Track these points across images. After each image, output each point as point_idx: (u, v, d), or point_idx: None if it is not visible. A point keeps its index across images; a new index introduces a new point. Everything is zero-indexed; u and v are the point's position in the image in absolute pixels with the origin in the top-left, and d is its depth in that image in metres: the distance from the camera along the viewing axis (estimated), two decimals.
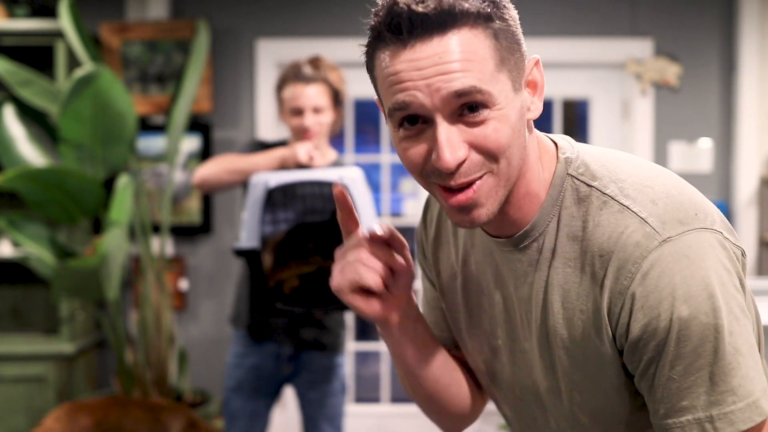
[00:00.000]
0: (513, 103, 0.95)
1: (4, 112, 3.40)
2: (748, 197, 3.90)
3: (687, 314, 0.90)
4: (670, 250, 0.92)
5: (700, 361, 0.91)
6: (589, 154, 1.03)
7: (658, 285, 0.92)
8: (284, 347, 2.67)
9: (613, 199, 0.97)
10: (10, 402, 3.62)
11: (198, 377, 3.96)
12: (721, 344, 0.90)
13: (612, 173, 0.99)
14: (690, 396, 0.92)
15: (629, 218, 0.95)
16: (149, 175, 3.89)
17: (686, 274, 0.91)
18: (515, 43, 0.95)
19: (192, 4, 3.95)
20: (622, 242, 0.94)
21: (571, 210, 1.00)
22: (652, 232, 0.93)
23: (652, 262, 0.92)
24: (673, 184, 0.98)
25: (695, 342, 0.91)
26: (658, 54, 3.94)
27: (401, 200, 4.19)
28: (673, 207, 0.94)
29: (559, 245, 1.00)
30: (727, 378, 0.91)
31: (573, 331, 1.00)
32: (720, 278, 0.92)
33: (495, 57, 0.93)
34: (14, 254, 3.64)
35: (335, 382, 2.71)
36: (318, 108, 2.62)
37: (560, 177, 1.01)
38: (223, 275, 3.99)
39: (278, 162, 2.54)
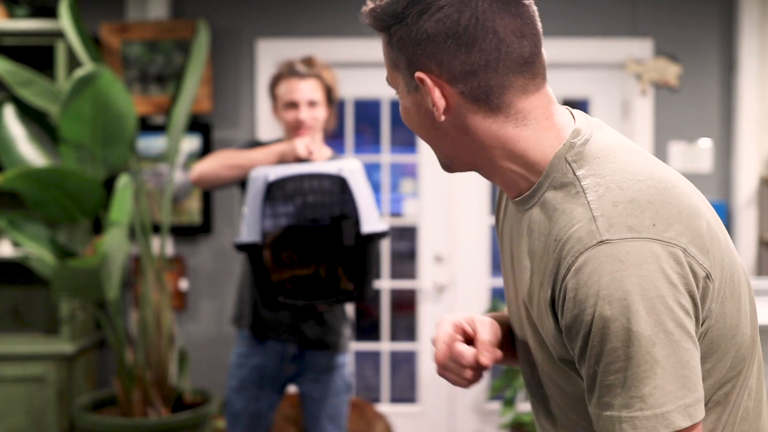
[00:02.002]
0: (405, 98, 1.12)
1: (4, 112, 3.41)
2: (748, 197, 3.90)
3: (609, 314, 0.94)
4: (605, 252, 0.96)
5: (618, 363, 0.95)
6: (597, 143, 1.07)
7: (587, 282, 0.96)
8: (288, 346, 2.67)
9: (583, 191, 1.02)
10: (10, 402, 3.62)
11: (198, 377, 3.96)
12: (637, 351, 0.93)
13: (600, 167, 1.04)
14: (609, 393, 0.96)
15: (584, 213, 1.00)
16: (149, 175, 3.89)
17: (615, 277, 0.94)
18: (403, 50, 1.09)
19: (192, 4, 3.95)
20: (570, 234, 1.00)
21: (554, 191, 1.06)
22: (594, 231, 0.97)
23: (586, 259, 0.97)
24: (652, 193, 1.00)
25: (614, 343, 0.94)
26: (658, 54, 3.94)
27: (401, 200, 4.19)
28: (629, 213, 0.97)
29: (538, 219, 1.07)
30: (638, 384, 0.94)
31: (533, 301, 1.08)
32: (656, 289, 0.94)
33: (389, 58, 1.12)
34: (14, 254, 3.64)
35: (339, 381, 2.71)
36: (313, 102, 2.63)
37: (558, 158, 1.07)
38: (223, 275, 3.99)
39: (277, 157, 2.54)
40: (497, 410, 3.93)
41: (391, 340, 4.22)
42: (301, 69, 2.63)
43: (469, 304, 4.09)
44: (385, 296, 4.15)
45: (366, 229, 2.29)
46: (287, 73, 2.64)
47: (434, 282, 4.10)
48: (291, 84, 2.62)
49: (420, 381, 4.13)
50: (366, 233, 2.29)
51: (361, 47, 3.92)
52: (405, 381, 4.38)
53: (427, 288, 4.11)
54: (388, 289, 4.16)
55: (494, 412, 4.08)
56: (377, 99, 4.09)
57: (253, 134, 3.97)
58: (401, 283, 4.19)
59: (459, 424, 4.12)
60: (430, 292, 4.11)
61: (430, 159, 4.04)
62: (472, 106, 1.06)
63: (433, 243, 4.09)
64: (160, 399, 3.44)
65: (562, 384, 1.09)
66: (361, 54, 3.95)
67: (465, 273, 4.10)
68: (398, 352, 4.30)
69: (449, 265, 4.10)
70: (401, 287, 4.21)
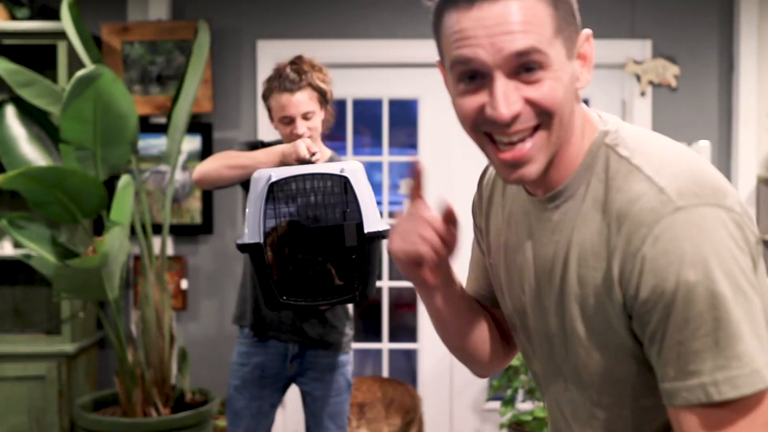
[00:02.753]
0: (566, 68, 1.03)
1: (5, 112, 3.42)
2: (747, 197, 3.91)
3: (693, 279, 0.94)
4: (683, 218, 0.96)
5: (706, 326, 0.94)
6: (627, 129, 1.09)
7: (667, 249, 0.96)
8: (289, 346, 2.68)
9: (638, 169, 1.02)
10: (11, 401, 3.63)
11: (198, 377, 3.97)
12: (726, 311, 0.94)
13: (643, 147, 1.05)
14: (696, 360, 0.95)
15: (649, 187, 1.00)
16: (150, 175, 3.90)
17: (696, 242, 0.95)
18: (571, 15, 1.05)
19: (192, 5, 3.96)
20: (639, 207, 0.99)
21: (600, 176, 1.06)
22: (667, 200, 0.98)
23: (664, 227, 0.97)
24: (699, 165, 1.03)
25: (700, 307, 0.94)
26: (657, 55, 3.95)
27: (401, 200, 4.20)
28: (692, 182, 0.99)
29: (584, 207, 1.06)
30: (732, 343, 0.94)
31: (585, 289, 1.06)
32: (730, 251, 0.95)
33: (553, 24, 1.01)
34: (16, 254, 3.64)
35: (340, 380, 2.72)
36: (307, 114, 2.62)
37: (597, 145, 1.08)
38: (223, 275, 4.00)
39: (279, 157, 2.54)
40: (497, 410, 3.94)
41: (391, 340, 4.23)
42: (292, 79, 2.61)
43: None
44: (385, 296, 4.16)
45: (369, 229, 2.30)
46: (277, 86, 2.62)
47: None
48: (283, 99, 2.61)
49: (420, 381, 4.14)
50: (369, 233, 2.30)
51: (361, 48, 3.93)
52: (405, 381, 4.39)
53: None
54: (388, 289, 4.16)
55: (494, 411, 4.09)
56: (377, 99, 4.10)
57: (253, 134, 3.97)
58: (401, 282, 4.20)
59: (459, 424, 4.13)
60: None
61: (430, 159, 4.05)
62: None
63: None
64: (160, 398, 3.45)
65: (612, 368, 1.07)
66: (361, 54, 3.96)
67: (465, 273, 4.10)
68: (398, 351, 4.31)
69: None
70: (401, 287, 4.22)
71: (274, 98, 2.63)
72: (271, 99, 2.65)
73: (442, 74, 1.10)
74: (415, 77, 4.06)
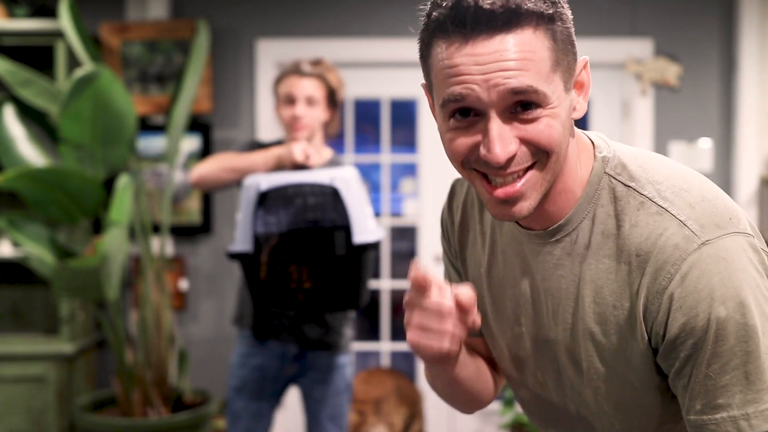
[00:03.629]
0: (564, 102, 0.98)
1: (4, 112, 3.40)
2: (748, 197, 3.90)
3: (724, 315, 0.93)
4: (709, 253, 0.95)
5: (736, 360, 0.93)
6: (625, 154, 1.05)
7: (697, 286, 0.94)
8: (289, 347, 2.67)
9: (651, 200, 0.99)
10: (10, 402, 3.62)
11: (198, 377, 3.96)
12: (756, 344, 0.93)
13: (649, 174, 1.01)
14: (726, 394, 0.94)
15: (668, 220, 0.97)
16: (149, 175, 3.89)
17: (724, 276, 0.94)
18: (570, 44, 0.98)
19: (192, 4, 3.95)
20: (661, 244, 0.97)
21: (607, 208, 1.02)
22: (691, 235, 0.96)
23: (692, 264, 0.95)
24: (708, 189, 1.01)
25: (731, 341, 0.93)
26: (658, 54, 3.94)
27: (401, 200, 4.19)
28: (709, 211, 0.97)
29: (593, 241, 1.03)
30: (762, 377, 0.93)
31: (605, 326, 1.03)
32: (754, 280, 0.95)
33: (551, 58, 0.95)
34: (14, 254, 3.64)
35: (339, 381, 2.71)
36: (311, 99, 2.62)
37: (597, 175, 1.03)
38: (223, 275, 3.99)
39: (275, 160, 2.54)
40: (497, 410, 3.93)
41: (391, 340, 4.22)
42: (305, 68, 2.64)
43: None
44: (385, 296, 4.15)
45: (358, 240, 2.28)
46: (290, 71, 2.66)
47: None
48: (291, 80, 2.63)
49: (420, 381, 4.13)
50: (358, 243, 2.28)
51: (362, 47, 3.92)
52: None
53: None
54: (388, 289, 4.15)
55: (494, 412, 4.08)
56: (377, 99, 4.09)
57: (253, 134, 3.96)
58: (401, 283, 4.19)
59: (459, 424, 4.12)
60: None
61: (430, 159, 4.04)
62: None
63: (433, 243, 4.09)
64: (160, 399, 3.44)
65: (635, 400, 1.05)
66: (362, 54, 3.95)
67: None
68: (398, 352, 4.30)
69: None
70: (401, 287, 4.21)
71: (284, 81, 2.66)
72: (280, 84, 2.67)
73: (428, 99, 1.04)
74: (415, 77, 4.03)
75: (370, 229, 2.32)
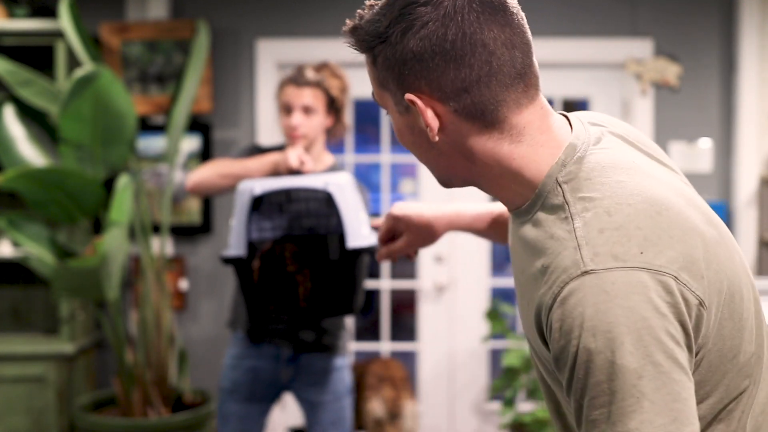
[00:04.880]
0: (398, 120, 1.08)
1: (4, 112, 3.41)
2: (748, 197, 3.90)
3: (593, 347, 0.91)
4: (590, 283, 0.93)
5: (603, 397, 0.91)
6: (590, 161, 1.04)
7: (572, 313, 0.93)
8: (283, 350, 2.65)
9: (571, 217, 0.99)
10: (10, 402, 3.62)
11: (198, 377, 3.96)
12: (622, 384, 0.90)
13: (590, 189, 1.00)
14: (594, 429, 0.93)
15: (570, 241, 0.97)
16: (149, 175, 3.89)
17: (600, 309, 0.91)
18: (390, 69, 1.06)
19: (192, 4, 3.95)
20: (557, 262, 0.97)
21: (545, 213, 1.03)
22: (579, 261, 0.94)
23: (570, 290, 0.94)
24: (641, 217, 0.96)
25: (599, 377, 0.91)
26: (658, 54, 3.94)
27: (401, 200, 4.19)
28: (616, 241, 0.94)
29: (530, 238, 1.05)
30: (624, 419, 0.90)
31: (525, 315, 1.08)
32: (644, 320, 0.91)
33: (375, 78, 1.09)
34: (14, 254, 3.64)
35: (338, 384, 2.67)
36: (308, 108, 2.63)
37: (549, 178, 1.04)
38: (223, 275, 3.99)
39: (270, 167, 2.56)
40: (497, 410, 3.93)
41: (391, 340, 4.22)
42: (306, 76, 2.64)
43: (469, 304, 4.09)
44: (385, 296, 4.15)
45: (352, 244, 2.29)
46: (291, 79, 2.66)
47: (434, 282, 4.10)
48: (289, 90, 2.65)
49: (420, 381, 4.13)
50: (351, 248, 2.29)
51: None
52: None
53: (427, 288, 4.11)
54: (388, 289, 4.16)
55: (494, 412, 4.08)
56: None
57: (253, 134, 3.97)
58: (401, 283, 4.19)
59: (459, 424, 4.12)
60: (430, 292, 4.11)
61: None
62: (466, 123, 1.03)
63: None
64: (159, 399, 3.44)
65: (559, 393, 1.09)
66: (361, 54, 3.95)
67: (465, 273, 4.10)
68: (398, 352, 4.30)
69: (449, 265, 4.09)
70: (401, 287, 4.21)
71: (283, 90, 2.67)
72: (280, 92, 2.69)
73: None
74: None
75: (364, 234, 2.31)
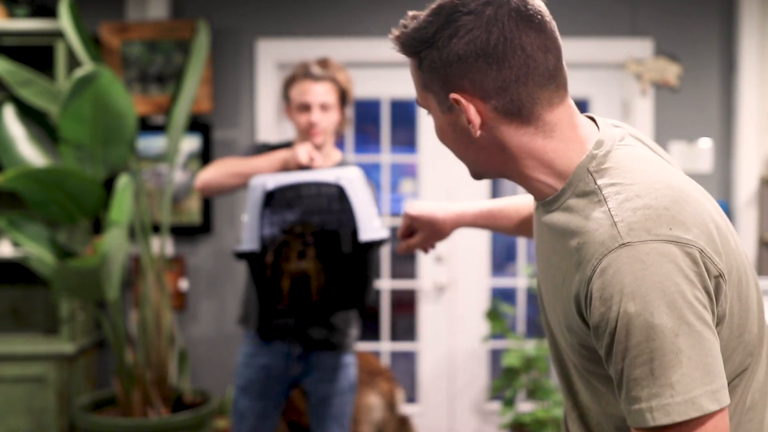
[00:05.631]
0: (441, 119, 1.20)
1: (4, 112, 3.41)
2: (748, 197, 3.90)
3: (633, 311, 1.02)
4: (627, 254, 1.04)
5: (644, 356, 1.02)
6: (617, 156, 1.17)
7: (612, 281, 1.04)
8: (293, 347, 2.68)
9: (604, 199, 1.11)
10: (10, 402, 3.62)
11: (198, 377, 3.96)
12: (662, 342, 1.01)
13: (620, 177, 1.13)
14: (636, 387, 1.03)
15: (606, 219, 1.09)
16: (149, 175, 3.89)
17: (638, 276, 1.03)
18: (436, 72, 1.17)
19: (192, 4, 3.95)
20: (594, 238, 1.09)
21: (576, 199, 1.16)
22: (616, 235, 1.06)
23: (610, 261, 1.05)
24: (668, 199, 1.09)
25: (639, 337, 1.02)
26: (658, 54, 3.94)
27: (401, 200, 4.19)
28: (647, 217, 1.06)
29: (561, 222, 1.17)
30: (666, 373, 1.01)
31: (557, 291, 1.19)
32: (676, 285, 1.02)
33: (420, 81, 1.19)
34: (14, 254, 3.64)
35: (344, 381, 2.72)
36: (325, 105, 2.64)
37: (581, 168, 1.17)
38: (223, 275, 4.00)
39: (280, 164, 2.55)
40: (497, 410, 3.93)
41: (391, 340, 4.22)
42: (316, 71, 2.64)
43: (469, 304, 4.09)
44: (385, 296, 4.15)
45: (364, 237, 2.30)
46: (301, 75, 2.65)
47: (434, 282, 4.10)
48: (305, 86, 2.63)
49: (420, 381, 4.13)
50: (364, 241, 2.30)
51: (362, 47, 3.92)
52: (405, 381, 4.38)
53: (427, 288, 4.11)
54: (388, 289, 4.16)
55: (494, 412, 4.08)
56: (377, 99, 4.09)
57: (252, 134, 3.97)
58: (401, 283, 4.19)
59: (459, 424, 4.12)
60: (430, 292, 4.11)
61: (430, 159, 4.04)
62: (505, 120, 1.15)
63: None
64: (160, 399, 3.44)
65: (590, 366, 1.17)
66: (362, 54, 3.95)
67: (465, 273, 4.10)
68: (398, 352, 4.30)
69: (449, 265, 4.09)
70: (401, 287, 4.21)
71: (296, 86, 2.65)
72: (292, 88, 2.67)
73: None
74: None
75: (375, 227, 2.34)
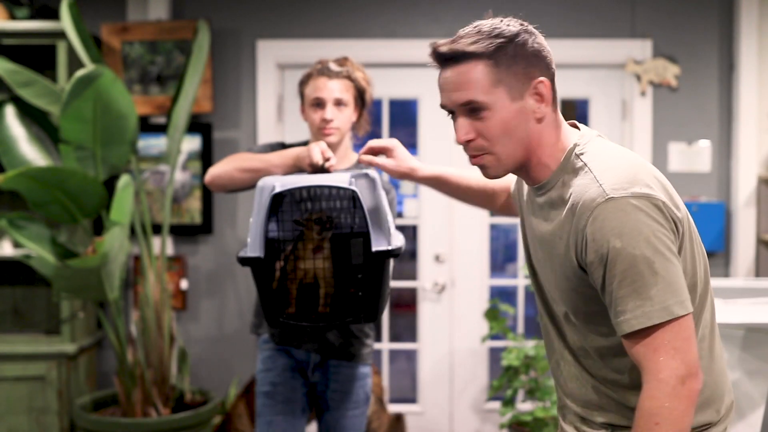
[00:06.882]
0: (509, 107, 1.49)
1: (5, 112, 3.42)
2: (747, 197, 3.91)
3: (619, 246, 1.39)
4: (612, 206, 1.41)
5: (628, 279, 1.39)
6: (596, 143, 1.54)
7: (602, 226, 1.41)
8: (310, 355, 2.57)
9: (591, 170, 1.48)
10: (11, 401, 3.63)
11: (198, 377, 3.97)
12: (642, 267, 1.38)
13: (599, 156, 1.51)
14: (623, 303, 1.40)
15: (592, 182, 1.45)
16: (150, 175, 3.90)
17: (622, 221, 1.39)
18: (516, 65, 1.49)
19: (192, 5, 3.96)
20: (585, 197, 1.45)
21: (570, 175, 1.52)
22: (603, 192, 1.42)
23: (600, 211, 1.41)
24: (636, 168, 1.47)
25: (625, 265, 1.39)
26: (658, 55, 3.95)
27: (401, 200, 4.20)
28: (624, 179, 1.43)
29: (558, 197, 1.53)
30: (646, 290, 1.39)
31: (554, 251, 1.54)
32: (650, 227, 1.39)
33: (490, 78, 1.48)
34: (15, 254, 3.64)
35: (360, 392, 2.60)
36: (340, 101, 2.53)
37: (570, 152, 1.54)
38: (223, 275, 4.00)
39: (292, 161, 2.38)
40: (497, 410, 3.94)
41: (391, 339, 4.23)
42: (332, 68, 2.54)
43: (469, 304, 4.10)
44: None
45: (377, 247, 2.08)
46: (317, 71, 2.55)
47: (434, 282, 4.11)
48: (319, 82, 2.53)
49: (420, 381, 4.14)
50: (377, 251, 2.08)
51: (362, 48, 3.93)
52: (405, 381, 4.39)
53: (427, 288, 4.11)
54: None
55: (494, 411, 4.08)
56: (377, 99, 4.10)
57: (253, 135, 3.97)
58: (401, 283, 4.20)
59: (459, 424, 4.13)
60: (430, 291, 4.12)
61: (431, 159, 4.05)
62: (552, 105, 1.54)
63: (433, 243, 4.10)
64: (160, 399, 3.45)
65: (580, 305, 1.52)
66: (362, 54, 3.95)
67: (465, 273, 4.11)
68: (398, 351, 4.31)
69: (449, 265, 4.10)
70: (401, 287, 4.21)
71: (311, 83, 2.55)
72: (307, 85, 2.57)
73: None
74: (415, 77, 4.06)
75: (389, 236, 2.13)
